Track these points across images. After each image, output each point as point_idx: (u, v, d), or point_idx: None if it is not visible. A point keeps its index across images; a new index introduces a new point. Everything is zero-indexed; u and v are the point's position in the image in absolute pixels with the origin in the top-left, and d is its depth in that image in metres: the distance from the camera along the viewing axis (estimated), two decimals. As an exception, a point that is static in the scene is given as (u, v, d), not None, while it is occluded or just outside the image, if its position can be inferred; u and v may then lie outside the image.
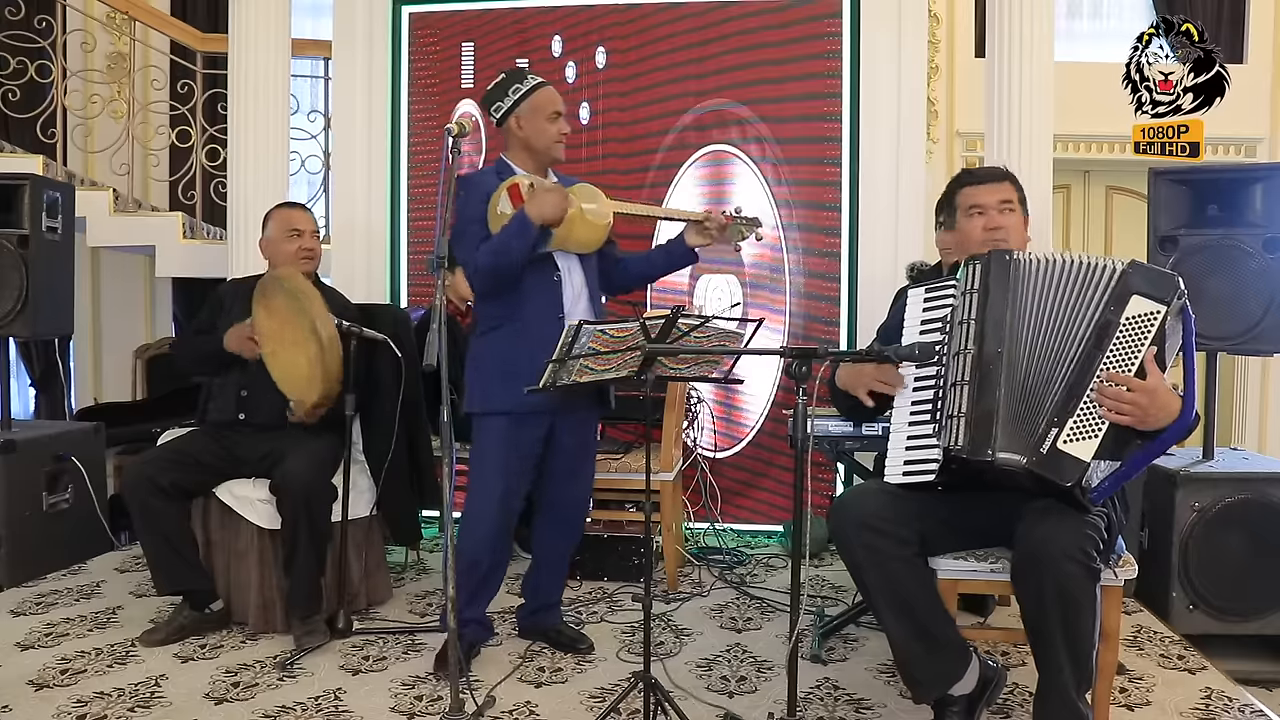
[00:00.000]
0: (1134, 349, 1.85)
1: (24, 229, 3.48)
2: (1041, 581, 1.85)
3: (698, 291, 4.10)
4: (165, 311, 5.95)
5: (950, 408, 1.96)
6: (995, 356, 1.95)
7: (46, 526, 3.54)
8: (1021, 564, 1.93)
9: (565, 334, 2.23)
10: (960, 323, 2.01)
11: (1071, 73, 4.31)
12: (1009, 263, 2.01)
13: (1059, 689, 1.90)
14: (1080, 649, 1.88)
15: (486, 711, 2.37)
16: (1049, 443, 1.87)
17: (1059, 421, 1.87)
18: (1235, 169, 3.51)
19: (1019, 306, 1.97)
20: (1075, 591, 1.84)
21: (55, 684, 2.52)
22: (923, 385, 2.07)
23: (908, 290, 2.22)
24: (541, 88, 2.61)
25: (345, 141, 4.34)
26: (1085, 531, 1.88)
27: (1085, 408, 1.86)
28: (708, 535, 3.88)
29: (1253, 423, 5.96)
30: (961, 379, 1.96)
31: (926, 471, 2.00)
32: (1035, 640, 1.93)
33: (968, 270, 2.05)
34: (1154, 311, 1.86)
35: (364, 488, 3.05)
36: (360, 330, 2.91)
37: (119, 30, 5.53)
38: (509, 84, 2.61)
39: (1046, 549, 1.85)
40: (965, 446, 1.92)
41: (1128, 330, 1.87)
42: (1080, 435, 1.85)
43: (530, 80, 2.62)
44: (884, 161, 3.93)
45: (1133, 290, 1.88)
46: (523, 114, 2.59)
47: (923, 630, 2.00)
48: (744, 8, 4.04)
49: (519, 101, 2.59)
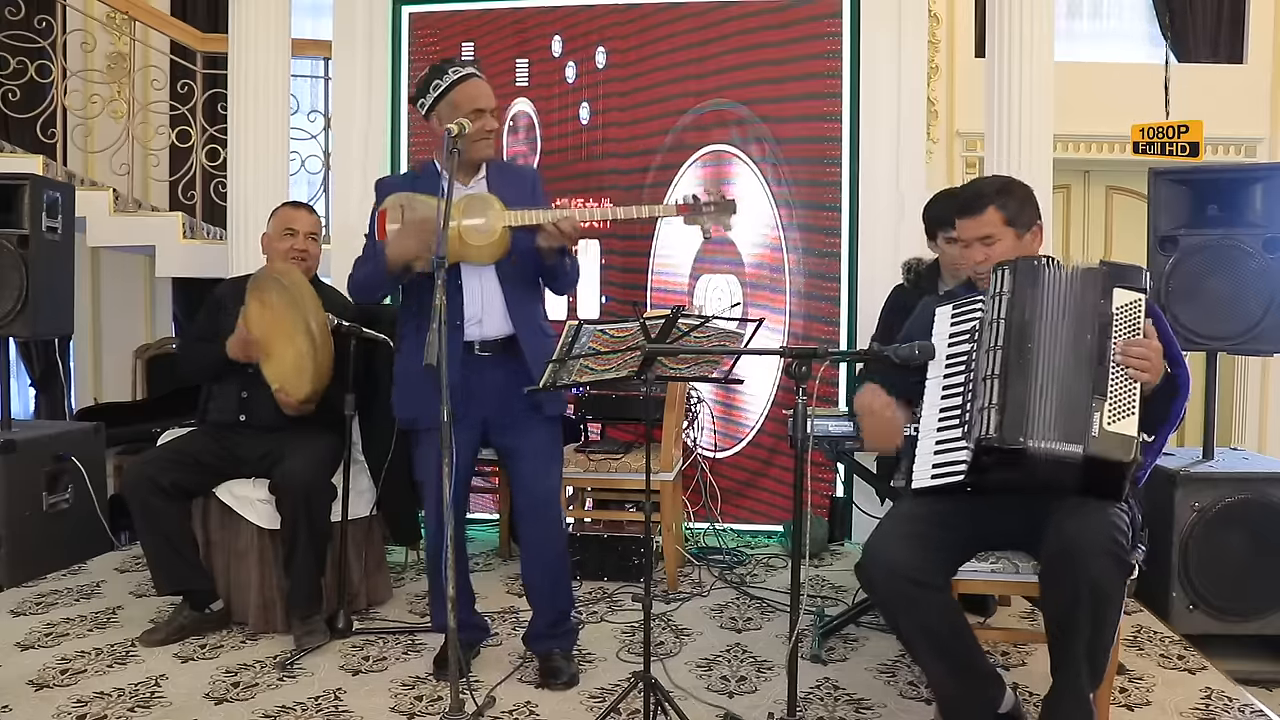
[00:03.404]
0: (1135, 325, 1.99)
1: (24, 229, 3.48)
2: (1076, 578, 1.87)
3: (698, 291, 4.10)
4: (165, 311, 5.95)
5: (981, 400, 1.99)
6: (1026, 351, 1.99)
7: (46, 526, 3.54)
8: (1053, 562, 1.94)
9: (565, 334, 2.23)
10: (990, 323, 2.05)
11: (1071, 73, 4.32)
12: (1036, 267, 2.07)
13: (1075, 689, 1.92)
14: (1101, 645, 1.92)
15: (486, 711, 2.37)
16: (1097, 426, 1.91)
17: (1098, 405, 1.93)
18: (1235, 169, 3.51)
19: (1045, 307, 2.03)
20: (1108, 587, 1.87)
21: (55, 684, 2.52)
22: (951, 393, 2.08)
23: (933, 306, 2.24)
24: (463, 82, 2.43)
25: (345, 141, 4.34)
26: (1115, 523, 1.92)
27: (1115, 386, 1.94)
28: (708, 535, 3.88)
29: (1253, 423, 5.96)
30: (992, 373, 2.00)
31: (955, 472, 2.00)
32: (1059, 639, 1.94)
33: (996, 275, 2.10)
34: (1135, 300, 2.00)
35: (364, 488, 3.05)
36: (360, 330, 2.92)
37: (119, 30, 5.53)
38: (430, 78, 2.46)
39: (1079, 544, 1.88)
40: (997, 435, 1.93)
41: (1123, 315, 1.99)
42: (1121, 413, 1.92)
43: (453, 74, 2.44)
44: (884, 161, 3.93)
45: (1114, 284, 2.01)
46: (441, 112, 2.43)
47: (960, 666, 2.02)
48: (744, 8, 4.04)
49: (439, 98, 2.44)
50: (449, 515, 2.07)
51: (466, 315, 2.47)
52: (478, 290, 2.49)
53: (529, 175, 2.72)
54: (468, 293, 2.48)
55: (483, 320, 2.49)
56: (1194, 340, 3.08)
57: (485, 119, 2.45)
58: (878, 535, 2.09)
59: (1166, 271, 3.09)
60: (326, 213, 5.18)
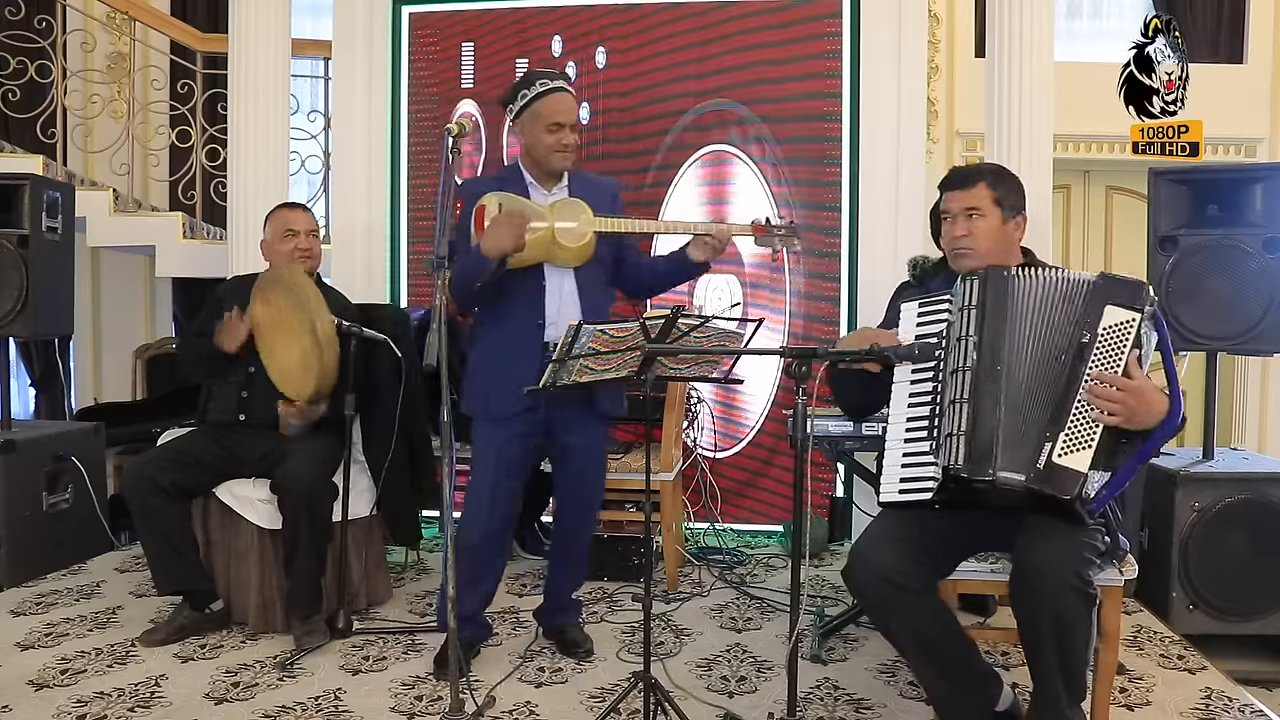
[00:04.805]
0: (1116, 354, 1.87)
1: (24, 229, 3.48)
2: (1038, 609, 1.85)
3: (698, 291, 4.10)
4: (165, 311, 5.95)
5: (949, 425, 1.94)
6: (995, 374, 1.94)
7: (46, 526, 3.54)
8: (1018, 587, 1.92)
9: (565, 334, 2.24)
10: (958, 339, 1.99)
11: (1071, 73, 4.30)
12: (1006, 279, 2.00)
13: (1055, 709, 1.91)
14: (1074, 669, 1.89)
15: (486, 711, 2.37)
16: (1044, 457, 1.86)
17: (1052, 435, 1.87)
18: (1235, 169, 3.52)
19: (1014, 324, 1.97)
20: (1072, 619, 1.84)
21: (55, 684, 2.52)
22: (918, 401, 2.04)
23: (900, 301, 2.21)
24: (547, 95, 2.53)
25: (345, 141, 4.33)
26: (1082, 554, 1.88)
27: (1076, 417, 1.87)
28: (708, 535, 3.88)
29: (1253, 423, 5.96)
30: (961, 396, 1.94)
31: (923, 490, 1.98)
32: (1030, 659, 1.94)
33: (965, 286, 2.03)
34: (1129, 320, 1.89)
35: (364, 488, 3.05)
36: (360, 330, 2.92)
37: (119, 30, 5.53)
38: (520, 87, 2.57)
39: (1043, 577, 1.84)
40: (966, 466, 1.90)
41: (1107, 338, 1.89)
42: (1074, 447, 1.86)
43: (540, 85, 2.54)
44: (884, 161, 3.92)
45: (1106, 300, 1.91)
46: (524, 120, 2.56)
47: (952, 667, 2.02)
48: (744, 8, 4.04)
49: (524, 107, 2.55)
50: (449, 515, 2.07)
51: (547, 315, 2.54)
52: (557, 292, 2.56)
53: (609, 187, 2.77)
54: (549, 294, 2.55)
55: (559, 322, 2.53)
56: (1194, 340, 3.08)
57: (564, 133, 2.55)
58: (864, 539, 2.08)
59: (1166, 271, 3.09)
60: (326, 213, 5.18)
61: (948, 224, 2.19)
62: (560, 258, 2.54)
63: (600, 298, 2.65)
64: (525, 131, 2.57)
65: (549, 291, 2.56)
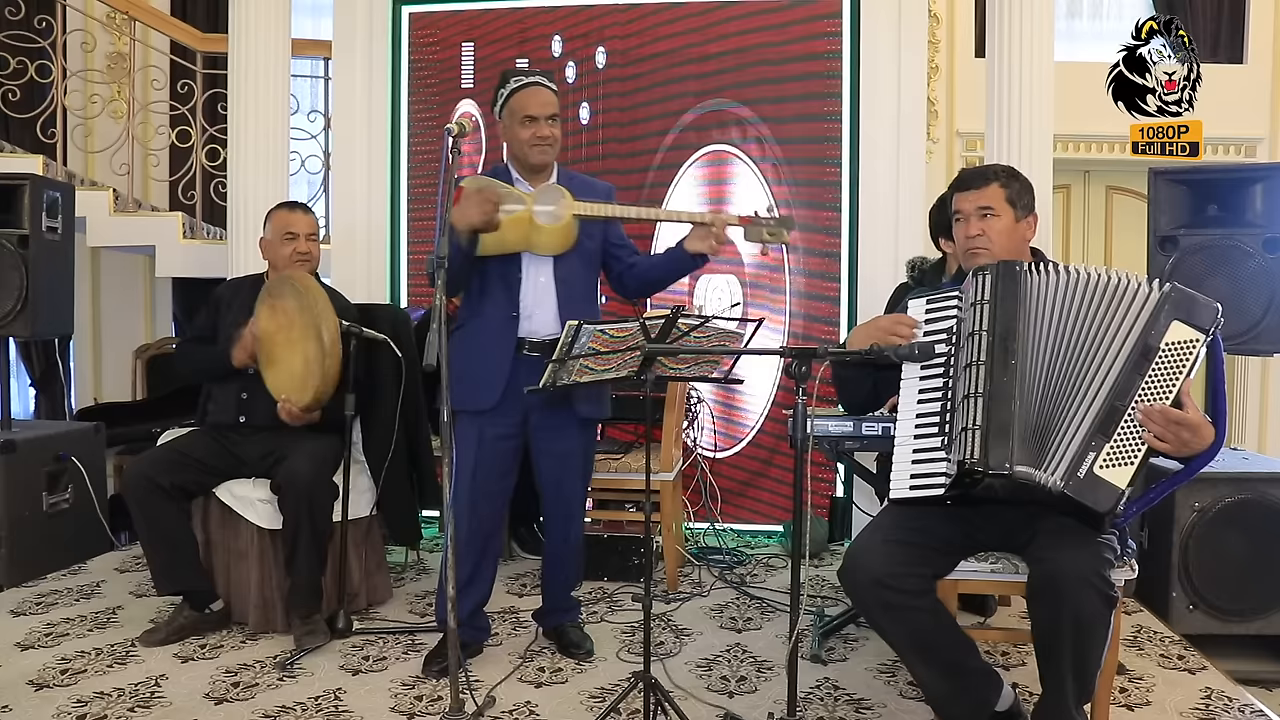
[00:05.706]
0: (1173, 376, 1.82)
1: (24, 229, 3.47)
2: (1059, 609, 1.84)
3: (698, 291, 4.10)
4: (165, 311, 5.95)
5: (962, 420, 1.92)
6: (1010, 369, 1.92)
7: (46, 526, 3.53)
8: (1039, 587, 1.91)
9: (565, 334, 2.23)
10: (970, 334, 1.98)
11: (1071, 73, 4.30)
12: (1019, 274, 1.98)
13: (1061, 707, 1.91)
14: (1088, 671, 1.89)
15: (486, 711, 2.37)
16: (1086, 466, 1.83)
17: (1097, 445, 1.83)
18: (1235, 169, 3.52)
19: (1034, 319, 1.95)
20: (1094, 621, 1.83)
21: (55, 684, 2.52)
22: (928, 398, 2.03)
23: (907, 298, 2.19)
24: (520, 90, 2.53)
25: (345, 141, 4.33)
26: (1103, 555, 1.87)
27: (1124, 431, 1.83)
28: (708, 535, 3.88)
29: (1253, 423, 5.96)
30: (974, 391, 1.92)
31: (934, 486, 1.96)
32: (1043, 658, 1.93)
33: (976, 281, 2.02)
34: (1193, 339, 1.84)
35: (364, 488, 3.05)
36: (360, 330, 2.92)
37: (119, 30, 5.53)
38: (499, 86, 2.59)
39: (1066, 577, 1.83)
40: (981, 460, 1.88)
41: (1168, 356, 1.83)
42: (1118, 461, 1.82)
43: (514, 82, 2.55)
44: (884, 161, 3.92)
45: (1174, 316, 1.85)
46: (504, 119, 2.58)
47: (949, 667, 2.01)
48: (744, 8, 4.04)
49: (503, 105, 2.57)
50: (449, 515, 2.07)
51: (521, 308, 2.54)
52: (533, 284, 2.56)
53: (603, 189, 2.74)
54: (525, 285, 2.55)
55: (533, 315, 2.54)
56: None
57: (539, 126, 2.53)
58: (860, 542, 2.07)
59: (1166, 271, 3.09)
60: (326, 213, 5.18)
61: (961, 224, 2.18)
62: (540, 242, 2.52)
63: (579, 291, 2.61)
64: (505, 129, 2.58)
65: (525, 282, 2.55)
